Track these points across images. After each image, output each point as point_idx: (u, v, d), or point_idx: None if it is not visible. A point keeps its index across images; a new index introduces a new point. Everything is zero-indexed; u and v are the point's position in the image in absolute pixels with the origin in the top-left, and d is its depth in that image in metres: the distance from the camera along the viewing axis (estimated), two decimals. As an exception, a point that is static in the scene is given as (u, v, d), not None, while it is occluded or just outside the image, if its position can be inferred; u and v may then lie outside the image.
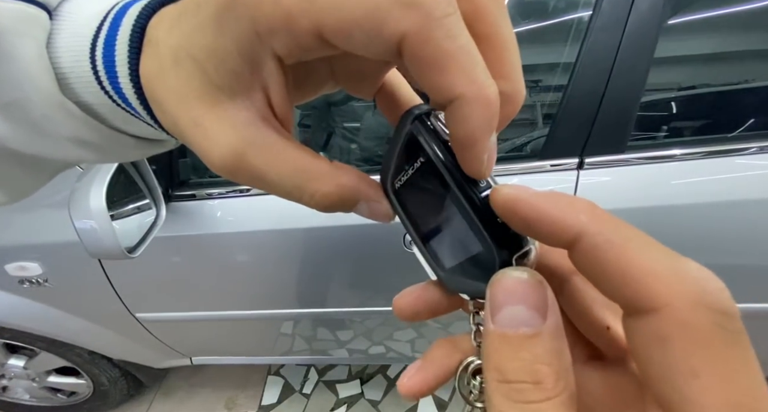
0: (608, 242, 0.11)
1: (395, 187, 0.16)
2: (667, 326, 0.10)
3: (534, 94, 1.05)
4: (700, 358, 0.10)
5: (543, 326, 0.12)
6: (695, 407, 0.10)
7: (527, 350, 0.12)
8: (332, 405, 1.33)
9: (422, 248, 0.16)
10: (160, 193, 0.74)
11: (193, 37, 0.13)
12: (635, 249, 0.11)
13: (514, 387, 0.11)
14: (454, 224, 0.15)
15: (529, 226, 0.12)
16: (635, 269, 0.10)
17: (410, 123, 0.16)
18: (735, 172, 0.73)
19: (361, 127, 1.19)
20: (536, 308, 0.12)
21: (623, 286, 0.11)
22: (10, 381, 1.20)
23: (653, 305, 0.10)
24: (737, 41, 0.85)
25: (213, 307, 0.99)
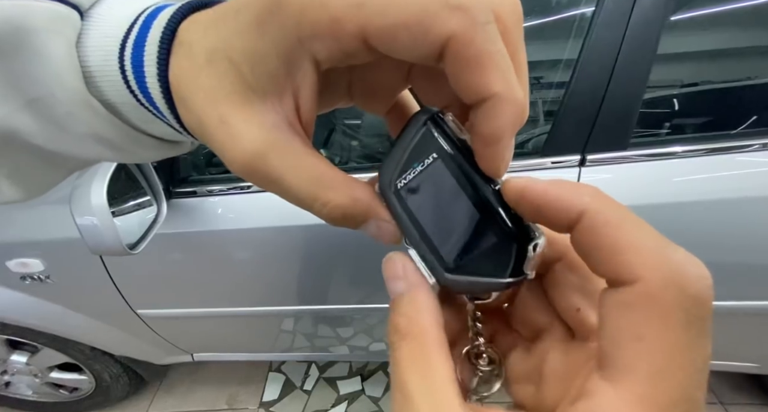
0: (606, 220, 0.12)
1: (396, 187, 0.17)
2: (635, 295, 0.11)
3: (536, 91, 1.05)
4: (651, 328, 0.11)
5: (400, 290, 0.15)
6: (626, 367, 0.11)
7: (393, 310, 0.15)
8: (333, 402, 1.33)
9: (423, 249, 0.16)
10: (161, 190, 0.74)
11: (231, 40, 0.14)
12: (628, 228, 0.12)
13: (389, 339, 0.15)
14: (465, 220, 0.15)
15: (539, 210, 0.14)
16: (624, 245, 0.11)
17: (425, 122, 0.16)
18: (737, 170, 0.73)
19: (362, 124, 1.19)
20: (396, 277, 0.16)
21: (610, 259, 0.12)
22: (12, 377, 1.21)
23: (630, 277, 0.11)
24: (740, 38, 0.84)
25: (214, 303, 1.00)
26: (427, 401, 0.13)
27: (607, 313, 0.12)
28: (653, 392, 0.11)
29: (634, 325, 0.11)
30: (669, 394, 0.11)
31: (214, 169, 0.99)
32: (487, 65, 0.13)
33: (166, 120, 0.16)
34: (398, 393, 0.14)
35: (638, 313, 0.11)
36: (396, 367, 0.14)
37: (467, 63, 0.12)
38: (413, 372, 0.14)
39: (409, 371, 0.13)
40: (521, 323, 0.18)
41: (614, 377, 0.11)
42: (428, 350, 0.14)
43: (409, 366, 0.14)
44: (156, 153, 0.19)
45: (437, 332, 0.14)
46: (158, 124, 0.17)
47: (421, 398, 0.13)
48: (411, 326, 0.14)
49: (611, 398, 0.11)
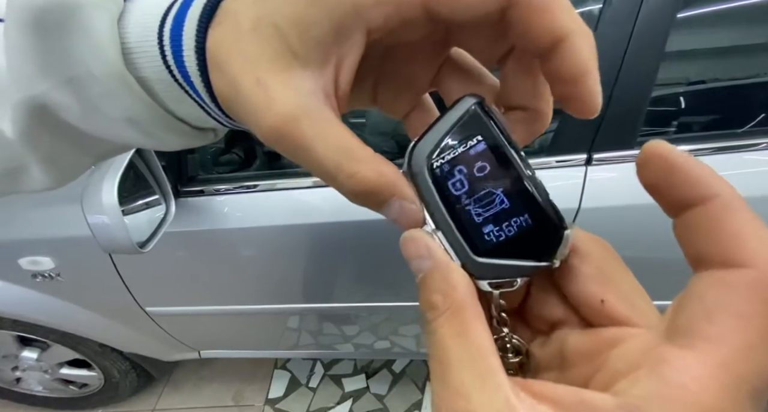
0: (738, 206, 0.12)
1: (432, 165, 0.17)
2: (744, 278, 0.11)
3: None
4: (752, 308, 0.11)
5: (428, 268, 0.15)
6: (718, 338, 0.11)
7: (424, 288, 0.15)
8: (338, 399, 1.34)
9: (451, 231, 0.16)
10: (169, 189, 0.75)
11: (281, 7, 0.14)
12: (752, 219, 0.12)
13: (424, 317, 0.15)
14: (501, 203, 0.16)
15: (672, 177, 0.14)
16: (749, 232, 0.12)
17: (474, 104, 0.16)
18: (745, 168, 0.72)
19: (366, 123, 1.19)
20: (420, 256, 0.16)
21: (729, 243, 0.12)
22: (23, 373, 1.23)
23: (744, 262, 0.12)
24: (749, 35, 0.83)
25: (221, 301, 1.00)
26: (470, 370, 0.13)
27: (703, 289, 0.12)
28: (740, 363, 0.11)
29: (735, 303, 0.11)
30: (755, 368, 0.11)
31: (222, 168, 1.00)
32: (557, 8, 0.13)
33: (199, 98, 0.16)
34: (438, 365, 0.14)
35: (742, 293, 0.11)
36: (436, 343, 0.14)
37: (538, 7, 0.13)
38: (456, 345, 0.13)
39: (451, 344, 0.14)
40: (536, 318, 0.18)
41: (698, 347, 0.11)
42: (470, 324, 0.14)
43: (451, 340, 0.14)
44: (182, 140, 0.19)
45: (476, 305, 0.14)
46: (189, 105, 0.17)
47: (464, 368, 0.13)
48: (448, 301, 0.14)
49: (690, 362, 0.11)
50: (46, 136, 0.17)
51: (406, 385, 1.36)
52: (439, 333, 0.14)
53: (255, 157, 1.08)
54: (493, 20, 0.14)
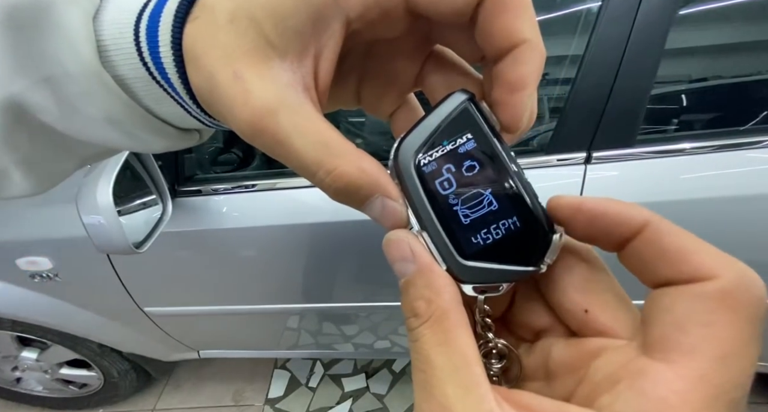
0: (670, 229, 0.13)
1: (418, 162, 0.16)
2: (709, 289, 0.12)
3: (541, 88, 1.04)
4: (721, 316, 0.11)
5: (412, 272, 0.15)
6: (691, 348, 0.11)
7: (407, 293, 0.15)
8: (338, 399, 1.34)
9: (437, 232, 0.15)
10: (166, 189, 0.75)
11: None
12: (689, 236, 0.13)
13: (406, 323, 0.15)
14: (490, 205, 0.15)
15: (595, 222, 0.14)
16: (695, 248, 0.12)
17: (465, 100, 0.16)
18: (746, 167, 0.71)
19: (365, 122, 1.19)
20: (404, 259, 0.15)
21: (683, 260, 0.12)
22: (23, 373, 1.23)
23: (707, 275, 0.12)
24: (750, 32, 0.83)
25: (220, 301, 1.00)
26: (454, 381, 0.13)
27: (671, 302, 0.12)
28: (716, 373, 0.11)
29: (704, 313, 0.12)
30: (730, 377, 0.11)
31: (219, 168, 1.00)
32: (522, 13, 0.14)
33: (177, 95, 0.16)
34: (421, 374, 0.13)
35: (710, 303, 0.12)
36: (419, 352, 0.14)
37: (504, 8, 0.14)
38: (439, 354, 0.13)
39: (435, 353, 0.13)
40: (520, 326, 0.18)
41: (673, 359, 0.12)
42: (453, 332, 0.13)
43: (434, 348, 0.13)
44: (166, 142, 0.18)
45: (460, 312, 0.14)
46: (169, 104, 0.16)
47: (447, 378, 0.13)
48: (431, 308, 0.14)
49: (668, 376, 0.11)
50: (25, 137, 0.17)
51: (405, 384, 1.36)
52: (421, 341, 0.14)
53: (253, 157, 1.07)
54: (467, 17, 0.14)
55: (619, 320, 0.15)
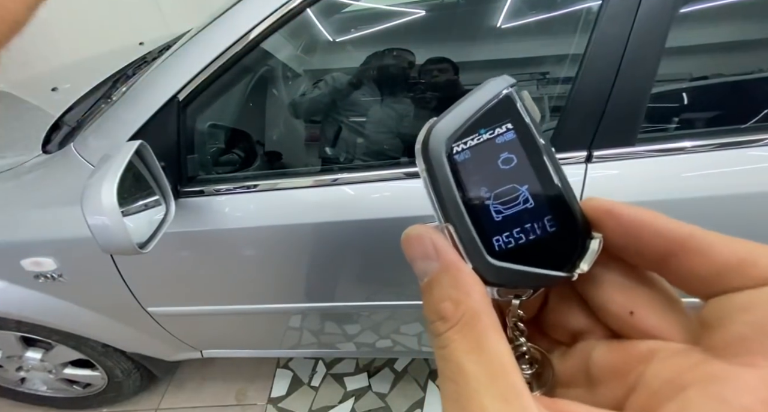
0: (720, 237, 0.12)
1: (451, 150, 0.14)
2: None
3: (542, 87, 1.04)
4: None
5: (436, 270, 0.13)
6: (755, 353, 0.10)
7: (430, 294, 0.13)
8: (340, 398, 1.34)
9: (465, 226, 0.14)
10: (169, 190, 0.75)
11: None
12: (743, 241, 0.12)
13: (431, 328, 0.13)
14: (527, 203, 0.14)
15: (629, 227, 0.13)
16: (760, 251, 0.12)
17: (506, 86, 0.14)
18: (748, 165, 0.71)
19: (368, 122, 1.19)
20: (426, 256, 0.14)
21: (750, 267, 0.11)
22: (28, 373, 1.24)
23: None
24: (751, 30, 0.82)
25: (223, 301, 1.01)
26: (491, 391, 0.11)
27: (751, 303, 0.11)
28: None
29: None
30: None
31: (221, 168, 1.00)
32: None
33: None
34: (452, 384, 0.12)
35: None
36: (449, 359, 0.12)
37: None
38: (472, 362, 0.12)
39: (468, 360, 0.12)
40: (555, 328, 0.16)
41: (757, 363, 0.10)
42: (486, 337, 0.12)
43: (466, 355, 0.12)
44: None
45: (492, 314, 0.13)
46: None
47: (483, 388, 0.11)
48: (460, 310, 0.13)
49: (753, 382, 0.10)
50: None
51: (408, 383, 1.36)
52: (451, 348, 0.12)
53: (255, 157, 1.08)
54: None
55: (670, 322, 0.13)
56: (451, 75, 1.10)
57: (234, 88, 1.10)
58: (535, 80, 1.09)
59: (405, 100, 1.19)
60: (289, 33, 1.24)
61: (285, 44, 1.30)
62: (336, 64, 1.46)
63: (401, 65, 1.16)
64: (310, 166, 1.27)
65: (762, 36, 0.82)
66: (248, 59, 0.79)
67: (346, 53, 1.43)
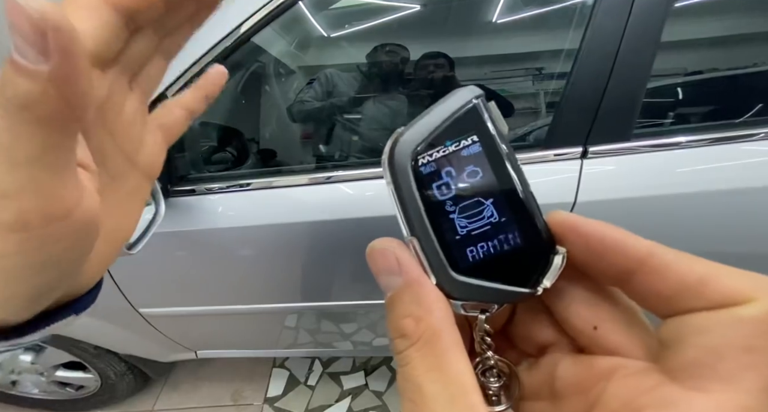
0: (680, 256, 0.12)
1: (417, 162, 0.14)
2: (749, 312, 0.11)
3: (537, 83, 1.03)
4: (763, 340, 0.10)
5: (399, 286, 0.14)
6: (730, 376, 0.10)
7: (392, 310, 0.14)
8: (337, 396, 1.34)
9: (429, 241, 0.14)
10: (158, 189, 0.73)
11: None
12: (704, 261, 0.12)
13: (394, 344, 0.13)
14: (492, 217, 0.14)
15: (591, 243, 0.13)
16: (716, 273, 0.11)
17: (472, 98, 0.14)
18: (742, 159, 0.71)
19: (362, 119, 1.18)
20: (390, 271, 0.14)
21: (707, 287, 0.11)
22: (19, 376, 1.22)
23: (742, 298, 0.11)
24: (746, 24, 0.82)
25: (216, 301, 0.99)
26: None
27: (705, 325, 0.11)
28: (758, 404, 0.10)
29: (745, 338, 0.11)
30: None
31: (213, 167, 0.98)
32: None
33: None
34: (410, 404, 0.12)
35: (751, 327, 0.11)
36: (408, 379, 0.12)
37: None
38: (431, 381, 0.12)
39: (427, 380, 0.12)
40: (523, 340, 0.16)
41: (710, 387, 0.10)
42: (447, 356, 0.12)
43: (425, 374, 0.12)
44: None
45: (453, 332, 0.13)
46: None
47: (442, 409, 0.11)
48: (421, 328, 0.13)
49: (704, 407, 0.10)
50: None
51: (405, 381, 1.36)
52: (411, 366, 0.12)
53: (248, 155, 1.06)
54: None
55: (632, 339, 0.13)
56: (447, 71, 1.09)
57: (225, 84, 1.08)
58: (530, 76, 1.09)
59: (400, 96, 1.18)
60: (281, 28, 1.22)
61: (278, 40, 1.28)
62: (330, 60, 1.45)
63: (395, 61, 1.15)
64: (305, 164, 1.26)
65: (757, 30, 0.82)
66: (239, 54, 0.78)
67: (340, 49, 1.41)
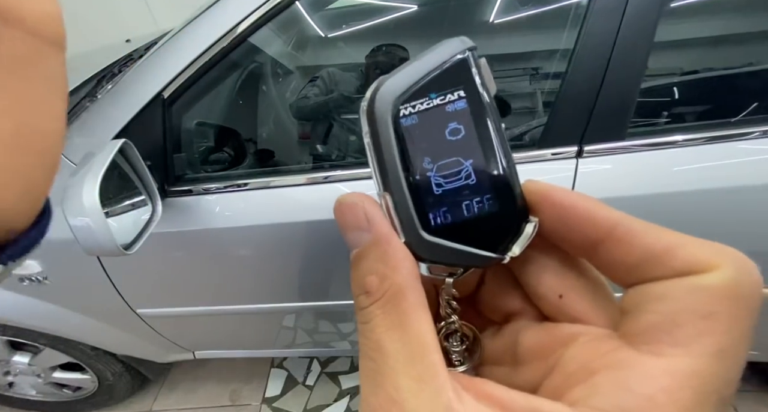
0: (647, 226, 0.12)
1: (398, 112, 0.13)
2: (711, 279, 0.11)
3: (533, 83, 1.03)
4: (723, 307, 0.11)
5: (366, 242, 0.13)
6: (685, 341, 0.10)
7: (357, 267, 0.13)
8: (335, 396, 1.34)
9: (402, 196, 0.13)
10: (155, 189, 0.73)
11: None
12: (670, 231, 0.12)
13: (356, 301, 0.13)
14: (469, 178, 0.13)
15: (562, 212, 0.13)
16: (680, 242, 0.11)
17: (463, 50, 0.13)
18: (738, 158, 0.72)
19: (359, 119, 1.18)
20: (358, 227, 0.13)
21: (671, 256, 0.11)
22: (16, 377, 1.21)
23: (705, 266, 0.11)
24: (740, 24, 0.83)
25: (214, 302, 0.99)
26: (408, 371, 0.11)
27: (665, 292, 0.11)
28: (710, 369, 0.10)
29: (703, 305, 0.11)
30: (725, 374, 0.10)
31: (210, 167, 0.98)
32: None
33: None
34: (370, 362, 0.12)
35: (711, 295, 0.11)
36: (368, 337, 0.12)
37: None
38: (392, 340, 0.12)
39: (387, 338, 0.12)
40: (490, 307, 0.16)
41: (664, 352, 0.11)
42: (409, 315, 0.12)
43: (387, 332, 0.12)
44: None
45: (418, 291, 0.12)
46: None
47: (401, 367, 0.11)
48: (385, 285, 0.12)
49: (656, 371, 0.10)
50: None
51: (403, 381, 1.36)
52: (372, 323, 0.12)
53: (245, 155, 1.06)
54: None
55: (596, 308, 0.13)
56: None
57: (222, 85, 1.08)
58: (527, 75, 1.09)
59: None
60: (278, 28, 1.22)
61: (275, 40, 1.28)
62: (327, 60, 1.45)
63: (394, 62, 1.15)
64: (303, 164, 1.26)
65: (750, 30, 0.82)
66: (236, 54, 0.78)
67: (337, 49, 1.41)
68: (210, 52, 0.75)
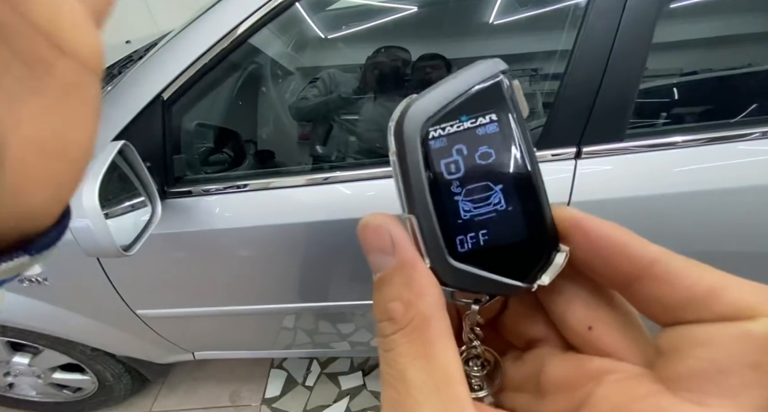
0: (688, 264, 0.11)
1: (428, 134, 0.13)
2: (756, 327, 0.10)
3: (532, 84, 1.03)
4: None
5: (390, 267, 0.13)
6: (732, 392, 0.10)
7: (381, 292, 0.13)
8: (335, 397, 1.34)
9: (429, 221, 0.13)
10: (155, 191, 0.73)
11: None
12: (713, 270, 0.11)
13: (379, 327, 0.13)
14: (498, 204, 0.13)
15: (596, 243, 0.12)
16: (727, 283, 0.11)
17: (497, 73, 0.13)
18: (737, 159, 0.72)
19: (360, 120, 1.18)
20: (382, 250, 0.13)
21: (714, 299, 0.11)
22: (16, 378, 1.21)
23: (749, 313, 0.11)
24: (739, 25, 0.83)
25: (213, 303, 0.99)
26: (433, 404, 0.11)
27: (709, 338, 0.11)
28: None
29: (751, 354, 0.10)
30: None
31: (210, 168, 0.98)
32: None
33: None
34: (392, 391, 0.12)
35: (759, 344, 0.10)
36: (392, 365, 0.12)
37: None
38: (417, 369, 0.11)
39: (412, 368, 0.11)
40: (511, 333, 0.16)
41: (710, 402, 0.10)
42: (435, 344, 0.12)
43: (411, 362, 0.12)
44: None
45: (443, 320, 0.12)
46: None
47: (426, 399, 0.11)
48: (410, 312, 0.12)
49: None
50: None
51: (403, 382, 1.36)
52: (396, 352, 0.12)
53: (245, 156, 1.06)
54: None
55: (628, 343, 0.13)
56: (444, 72, 1.09)
57: (222, 86, 1.08)
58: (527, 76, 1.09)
59: (398, 97, 1.18)
60: (278, 29, 1.22)
61: (275, 41, 1.28)
62: (327, 61, 1.45)
63: (396, 63, 1.15)
64: (303, 165, 1.26)
65: (749, 31, 0.82)
66: (236, 56, 0.78)
67: (337, 50, 1.41)
68: (210, 54, 0.75)
